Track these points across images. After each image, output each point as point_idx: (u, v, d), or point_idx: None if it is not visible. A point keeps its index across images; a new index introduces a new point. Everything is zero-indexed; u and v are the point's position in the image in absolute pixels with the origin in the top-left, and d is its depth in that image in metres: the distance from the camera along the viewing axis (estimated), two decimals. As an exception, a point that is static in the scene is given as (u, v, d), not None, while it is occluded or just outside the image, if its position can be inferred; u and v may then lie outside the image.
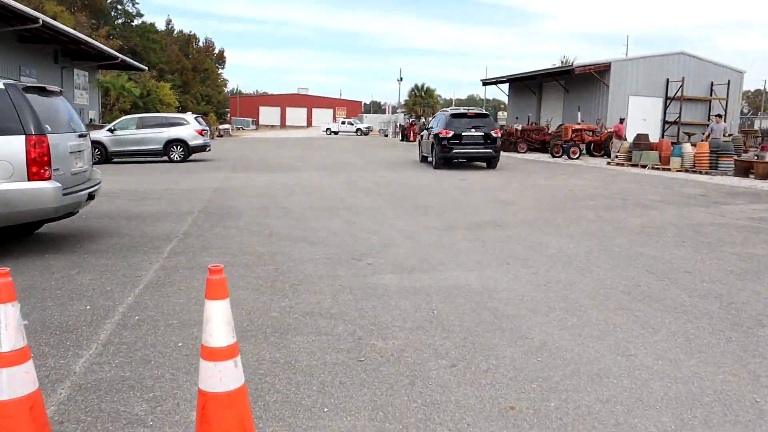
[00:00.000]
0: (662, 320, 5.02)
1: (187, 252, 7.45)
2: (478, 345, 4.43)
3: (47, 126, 6.91)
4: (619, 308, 5.34)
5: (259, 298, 5.54)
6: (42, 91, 7.45)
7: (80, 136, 8.01)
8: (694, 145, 21.95)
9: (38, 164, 6.73)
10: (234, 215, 10.28)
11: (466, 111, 22.24)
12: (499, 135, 21.97)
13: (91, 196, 7.92)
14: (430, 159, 22.34)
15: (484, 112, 23.29)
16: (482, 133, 20.59)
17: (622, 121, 26.45)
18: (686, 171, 20.37)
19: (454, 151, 20.52)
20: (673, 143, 22.65)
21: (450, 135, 20.31)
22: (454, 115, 21.32)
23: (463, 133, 20.41)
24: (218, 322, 2.74)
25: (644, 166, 21.94)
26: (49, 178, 6.85)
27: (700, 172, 19.73)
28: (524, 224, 9.67)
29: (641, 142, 23.20)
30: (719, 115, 24.65)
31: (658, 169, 21.37)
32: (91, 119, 39.67)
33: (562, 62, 59.77)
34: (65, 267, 6.66)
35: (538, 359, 4.18)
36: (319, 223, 9.62)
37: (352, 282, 6.12)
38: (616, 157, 24.05)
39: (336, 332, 4.68)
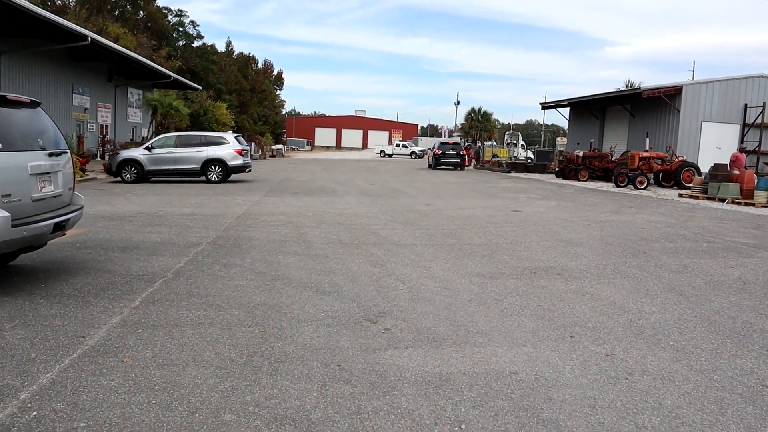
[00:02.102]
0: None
1: (164, 301, 5.97)
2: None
3: (-5, 142, 5.59)
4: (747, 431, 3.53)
5: (219, 385, 3.97)
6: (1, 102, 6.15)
7: (52, 155, 6.68)
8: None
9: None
10: (244, 249, 8.82)
11: (448, 141, 45.08)
12: (465, 153, 42.66)
13: (59, 227, 6.55)
14: (429, 164, 42.75)
15: (457, 141, 46.19)
16: (455, 152, 41.17)
17: (742, 150, 23.33)
18: (774, 207, 17.99)
19: (441, 160, 40.81)
20: (757, 175, 20.19)
21: (440, 152, 41.15)
22: (442, 143, 43.14)
23: (445, 152, 41.06)
24: None
25: (722, 200, 19.61)
26: (-11, 206, 5.51)
27: (791, 209, 17.34)
28: (589, 273, 7.85)
29: (719, 173, 20.85)
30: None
31: (739, 203, 19.02)
32: (143, 137, 39.55)
33: (626, 86, 57.06)
34: (3, 317, 5.27)
35: None
36: (340, 263, 8.05)
37: (357, 360, 4.49)
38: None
39: (306, 463, 3.06)
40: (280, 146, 69.25)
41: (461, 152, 41.29)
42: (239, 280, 6.93)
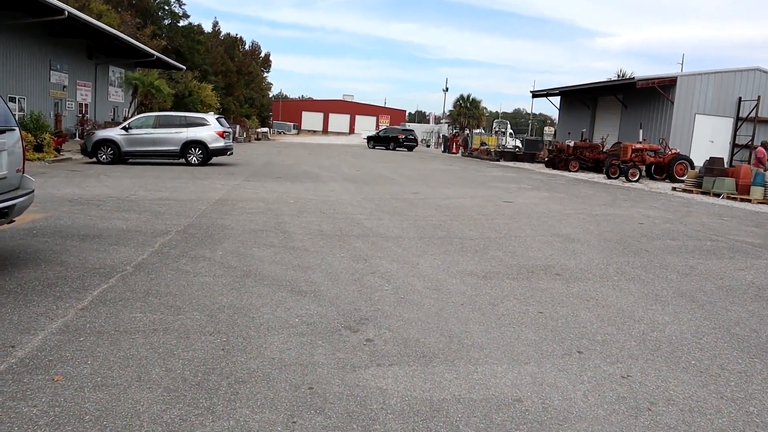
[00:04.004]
0: None
1: (118, 301, 5.25)
2: None
3: None
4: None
5: (165, 414, 3.28)
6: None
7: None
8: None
9: None
10: (216, 240, 8.10)
11: (405, 127, 57.72)
12: (416, 137, 51.66)
13: (2, 213, 5.79)
14: (390, 147, 49.57)
15: (411, 128, 57.16)
16: (412, 137, 50.28)
17: (764, 144, 21.55)
18: (770, 203, 17.52)
19: (404, 143, 49.32)
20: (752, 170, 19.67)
21: (403, 137, 50.05)
22: (404, 129, 54.24)
23: (402, 136, 50.16)
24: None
25: (717, 195, 19.11)
26: None
27: (789, 206, 16.85)
28: (591, 274, 7.23)
29: (715, 167, 20.33)
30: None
31: (734, 198, 18.53)
32: (124, 117, 38.42)
33: (618, 76, 56.51)
34: (-76, 320, 4.54)
35: None
36: (320, 258, 7.36)
37: (332, 381, 3.81)
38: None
39: None
40: (265, 129, 68.11)
41: (412, 136, 50.72)
42: (206, 276, 6.22)
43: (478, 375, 4.02)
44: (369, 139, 54.34)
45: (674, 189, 21.24)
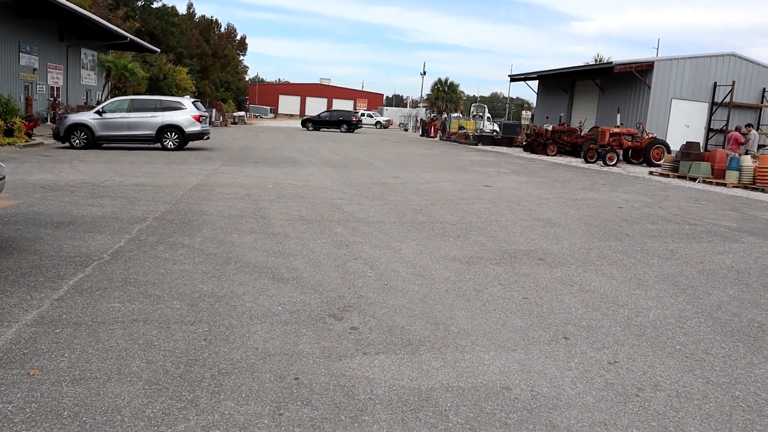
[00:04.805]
0: None
1: (95, 290, 5.11)
2: None
3: None
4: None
5: (147, 408, 3.19)
6: None
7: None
8: (756, 158, 19.28)
9: None
10: (195, 226, 7.95)
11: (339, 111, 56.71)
12: (354, 120, 50.27)
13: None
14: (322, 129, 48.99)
15: (351, 111, 60.88)
16: (348, 119, 49.76)
17: (738, 129, 21.99)
18: (745, 187, 17.73)
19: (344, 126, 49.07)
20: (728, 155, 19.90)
21: (342, 119, 49.42)
22: (337, 110, 54.51)
23: (333, 119, 50.18)
24: None
25: (693, 179, 19.31)
26: None
27: (763, 190, 17.08)
28: (574, 258, 7.23)
29: (691, 151, 20.53)
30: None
31: (710, 183, 18.73)
32: (98, 101, 37.65)
33: (595, 61, 56.76)
34: None
35: None
36: (302, 243, 7.26)
37: (318, 371, 3.74)
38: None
39: None
40: (242, 113, 67.33)
41: (352, 118, 51.01)
42: (185, 263, 6.10)
43: (466, 363, 3.98)
44: (307, 121, 51.26)
45: (651, 173, 21.42)
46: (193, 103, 21.62)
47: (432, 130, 48.65)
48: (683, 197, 14.51)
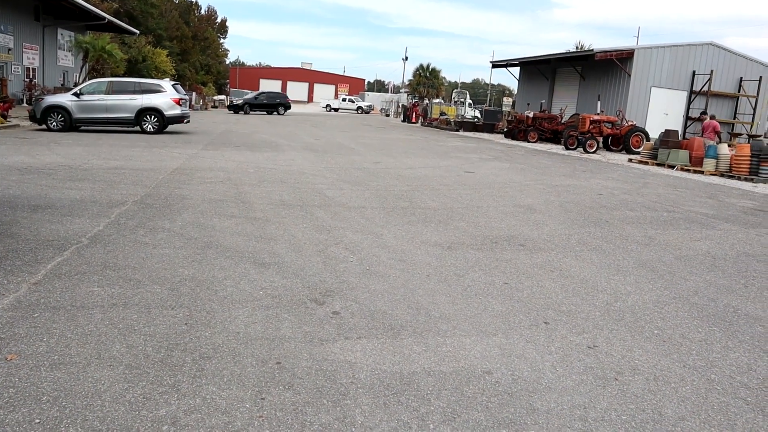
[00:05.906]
0: None
1: (74, 274, 5.05)
2: None
3: None
4: (763, 452, 2.98)
5: (128, 393, 3.17)
6: None
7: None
8: (732, 146, 19.53)
9: None
10: (176, 210, 7.88)
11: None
12: (288, 102, 50.55)
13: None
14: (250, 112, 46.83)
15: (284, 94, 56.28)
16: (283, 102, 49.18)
17: (713, 117, 22.17)
18: (721, 175, 17.97)
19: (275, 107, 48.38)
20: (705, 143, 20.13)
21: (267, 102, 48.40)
22: (275, 93, 53.22)
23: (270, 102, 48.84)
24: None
25: (672, 167, 19.52)
26: None
27: (739, 178, 17.32)
28: (554, 244, 7.29)
29: (669, 139, 20.74)
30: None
31: (688, 170, 18.95)
32: (75, 83, 37.01)
33: (577, 48, 56.95)
34: None
35: None
36: (283, 228, 7.23)
37: (300, 355, 3.74)
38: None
39: None
40: (222, 97, 66.63)
41: (285, 101, 50.17)
42: (166, 247, 6.05)
43: (447, 347, 4.01)
44: (244, 104, 47.77)
45: (630, 160, 21.61)
46: (173, 86, 21.34)
47: (413, 116, 48.55)
48: (661, 184, 14.67)
